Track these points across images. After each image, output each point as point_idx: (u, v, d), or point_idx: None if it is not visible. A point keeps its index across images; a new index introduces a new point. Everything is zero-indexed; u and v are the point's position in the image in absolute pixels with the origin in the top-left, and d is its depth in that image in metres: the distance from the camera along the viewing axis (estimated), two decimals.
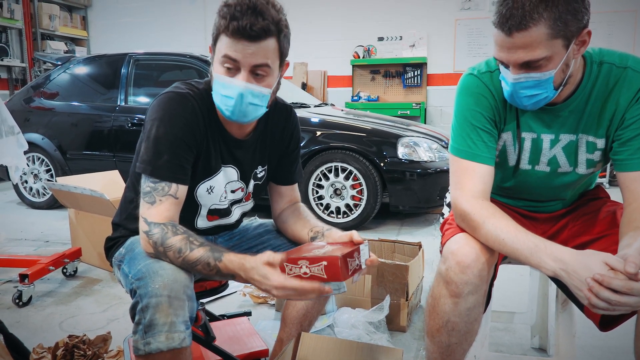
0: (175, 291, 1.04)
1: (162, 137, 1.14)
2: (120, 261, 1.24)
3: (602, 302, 0.92)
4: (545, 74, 1.08)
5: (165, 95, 1.18)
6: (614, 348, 1.80)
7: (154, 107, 1.18)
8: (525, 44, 1.04)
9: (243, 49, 1.09)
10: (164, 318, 1.02)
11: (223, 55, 1.11)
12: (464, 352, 1.23)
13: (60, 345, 1.60)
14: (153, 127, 1.15)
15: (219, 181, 1.28)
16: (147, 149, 1.15)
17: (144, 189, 1.14)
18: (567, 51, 1.06)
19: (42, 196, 4.24)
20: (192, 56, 3.97)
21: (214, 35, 1.14)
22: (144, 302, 1.04)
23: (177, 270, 1.08)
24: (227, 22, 1.08)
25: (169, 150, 1.13)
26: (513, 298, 2.18)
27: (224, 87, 1.14)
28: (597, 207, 1.34)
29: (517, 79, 1.10)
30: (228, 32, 1.08)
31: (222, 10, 1.10)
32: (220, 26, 1.10)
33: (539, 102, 1.13)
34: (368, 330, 1.83)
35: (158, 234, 1.10)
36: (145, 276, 1.07)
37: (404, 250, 2.28)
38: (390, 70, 6.34)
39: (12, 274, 2.56)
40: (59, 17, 6.92)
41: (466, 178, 1.21)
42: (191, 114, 1.17)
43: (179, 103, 1.16)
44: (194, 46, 6.69)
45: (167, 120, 1.14)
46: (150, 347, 1.02)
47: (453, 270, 1.13)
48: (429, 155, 3.42)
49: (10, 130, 2.50)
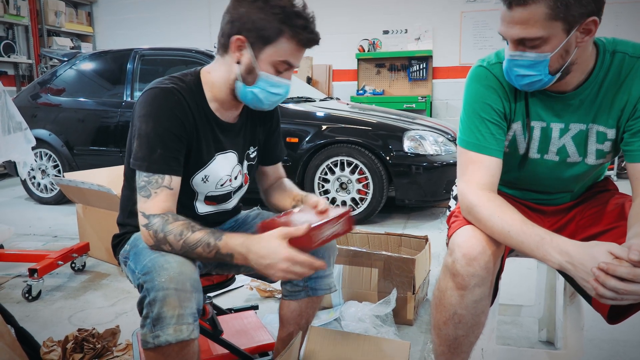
0: (182, 284, 1.05)
1: (151, 132, 1.15)
2: (126, 258, 1.25)
3: (609, 292, 0.91)
4: (540, 55, 1.07)
5: (149, 92, 1.19)
6: (622, 341, 1.79)
7: (140, 104, 1.19)
8: (522, 20, 1.04)
9: (302, 55, 1.21)
10: (171, 311, 1.03)
11: (283, 61, 1.18)
12: (471, 344, 1.23)
13: (70, 338, 1.61)
14: (142, 124, 1.16)
15: (213, 169, 1.29)
16: (140, 146, 1.16)
17: (139, 183, 1.16)
18: (567, 36, 1.04)
19: (50, 192, 4.27)
20: (198, 51, 3.97)
21: (260, 35, 1.15)
22: (151, 296, 1.05)
23: (182, 263, 1.09)
24: (298, 31, 1.14)
25: (161, 143, 1.15)
26: (520, 291, 2.17)
27: (275, 86, 1.21)
28: (605, 199, 1.33)
29: (512, 56, 1.11)
30: (296, 40, 1.15)
31: (288, 18, 1.13)
32: (282, 31, 1.14)
33: (532, 84, 1.13)
34: (375, 324, 1.84)
35: (158, 223, 1.11)
36: (151, 270, 1.07)
37: (411, 243, 2.27)
38: (396, 64, 6.31)
39: (21, 269, 2.59)
40: (65, 14, 6.94)
41: (473, 170, 1.20)
42: (178, 106, 1.18)
43: (163, 97, 1.17)
44: (200, 41, 6.69)
45: (154, 115, 1.16)
46: (159, 340, 1.03)
47: (459, 262, 1.12)
48: (435, 149, 3.41)
49: (18, 126, 2.52)
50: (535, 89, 1.15)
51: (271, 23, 1.13)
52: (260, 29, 1.15)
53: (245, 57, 1.19)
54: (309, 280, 1.37)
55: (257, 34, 1.15)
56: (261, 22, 1.14)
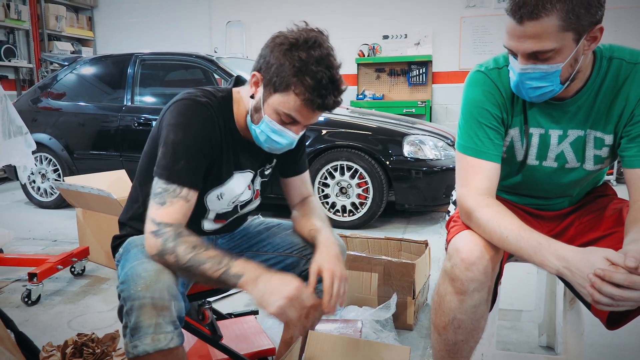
0: (159, 292, 1.04)
1: (180, 143, 1.14)
2: (118, 261, 1.25)
3: (605, 298, 0.92)
4: (553, 66, 1.07)
5: (182, 102, 1.18)
6: (622, 346, 1.79)
7: (172, 113, 1.18)
8: (535, 34, 1.03)
9: (312, 116, 1.16)
10: (148, 320, 1.02)
11: (287, 114, 1.14)
12: (471, 349, 1.23)
13: (70, 343, 1.61)
14: (170, 133, 1.15)
15: (230, 188, 1.29)
16: (164, 155, 1.15)
17: (155, 190, 1.14)
18: (577, 45, 1.05)
19: (50, 196, 4.27)
20: (198, 56, 3.98)
21: (272, 81, 1.12)
22: (127, 305, 1.04)
23: (159, 271, 1.07)
24: (306, 91, 1.09)
25: (186, 155, 1.14)
26: (520, 296, 2.17)
27: (276, 133, 1.18)
28: (603, 204, 1.33)
29: (524, 69, 1.10)
30: (302, 99, 1.10)
31: (302, 73, 1.08)
32: (292, 84, 1.10)
33: (544, 95, 1.13)
34: (375, 329, 1.83)
35: (170, 232, 1.09)
36: (127, 279, 1.07)
37: (411, 248, 2.27)
38: (396, 69, 6.32)
39: (20, 273, 2.58)
40: (66, 18, 6.96)
41: (472, 175, 1.21)
42: (209, 122, 1.18)
43: (197, 111, 1.17)
44: (200, 46, 6.71)
45: (185, 127, 1.15)
46: (137, 350, 1.03)
47: (458, 267, 1.13)
48: (435, 153, 3.42)
49: (19, 130, 2.52)
50: (546, 99, 1.15)
51: (285, 72, 1.10)
52: (274, 74, 1.12)
53: (257, 95, 1.18)
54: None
55: (270, 77, 1.13)
56: (278, 67, 1.11)
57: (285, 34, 1.13)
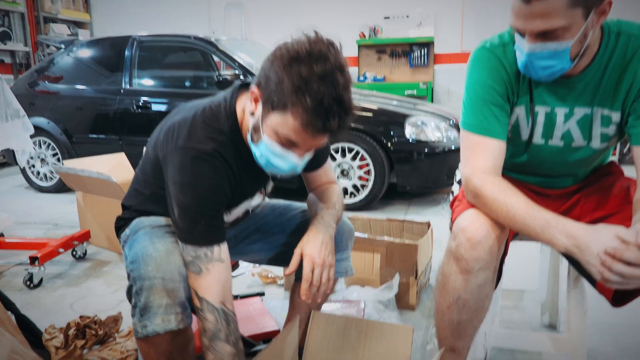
0: (169, 272, 1.03)
1: (192, 205, 1.07)
2: (125, 242, 1.24)
3: (615, 276, 0.91)
4: (562, 44, 1.04)
5: (186, 155, 1.07)
6: (625, 325, 1.79)
7: (176, 169, 1.08)
8: (543, 12, 1.00)
9: (312, 141, 1.03)
10: (158, 300, 1.02)
11: (286, 136, 1.01)
12: (475, 329, 1.23)
13: (72, 325, 1.61)
14: (180, 194, 1.07)
15: (246, 204, 1.29)
16: (181, 217, 1.08)
17: (186, 258, 1.08)
18: (586, 21, 1.02)
19: (50, 180, 4.26)
20: (196, 37, 3.93)
21: (271, 98, 0.99)
22: (137, 285, 1.04)
23: (169, 251, 1.07)
24: (305, 112, 0.95)
25: (203, 215, 1.07)
26: (523, 276, 2.16)
27: (277, 156, 1.05)
28: (610, 182, 1.32)
29: (533, 49, 1.06)
30: (300, 120, 0.96)
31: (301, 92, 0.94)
32: (289, 104, 0.96)
33: (554, 74, 1.10)
34: (377, 309, 1.83)
35: (211, 325, 1.05)
36: (138, 259, 1.06)
37: (413, 229, 2.26)
38: (397, 50, 6.25)
39: (22, 257, 2.58)
40: (61, 1, 6.86)
41: (477, 153, 1.19)
42: (218, 175, 1.09)
43: (203, 166, 1.07)
44: (198, 28, 6.61)
45: (193, 185, 1.06)
46: (147, 330, 1.02)
47: (463, 246, 1.11)
48: (437, 135, 3.39)
49: (16, 113, 2.49)
50: (556, 77, 1.12)
51: (284, 89, 0.96)
52: (272, 90, 0.98)
53: (257, 113, 1.06)
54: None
55: (268, 94, 1.00)
56: (277, 84, 0.97)
57: (288, 46, 0.99)
